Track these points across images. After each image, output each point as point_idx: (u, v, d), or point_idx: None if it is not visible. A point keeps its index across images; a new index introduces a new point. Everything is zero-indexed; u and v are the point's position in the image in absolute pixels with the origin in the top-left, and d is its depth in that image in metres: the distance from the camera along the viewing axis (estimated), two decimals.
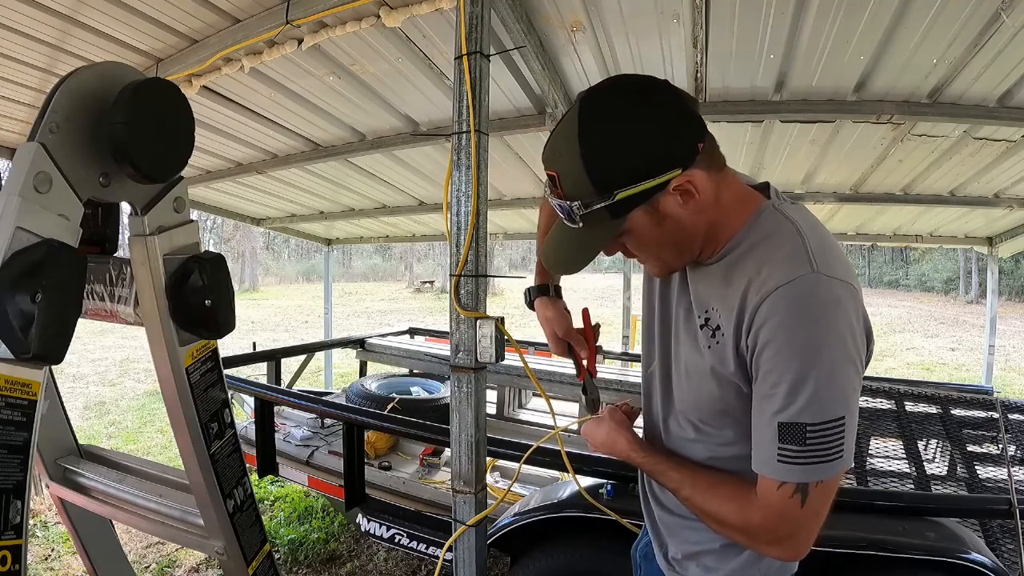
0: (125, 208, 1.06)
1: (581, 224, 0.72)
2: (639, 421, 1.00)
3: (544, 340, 1.18)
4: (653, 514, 0.97)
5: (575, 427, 1.50)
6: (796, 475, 0.67)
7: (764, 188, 0.81)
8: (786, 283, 0.67)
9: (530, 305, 1.18)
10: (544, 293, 1.15)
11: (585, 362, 1.10)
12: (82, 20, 1.93)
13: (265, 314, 16.36)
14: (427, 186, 3.91)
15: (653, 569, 0.97)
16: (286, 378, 3.93)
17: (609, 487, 1.61)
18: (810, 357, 0.65)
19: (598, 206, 0.69)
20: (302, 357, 4.27)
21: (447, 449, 2.37)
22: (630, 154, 0.68)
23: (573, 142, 0.69)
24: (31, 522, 2.16)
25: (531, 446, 1.57)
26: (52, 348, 0.80)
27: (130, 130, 0.87)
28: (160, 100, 0.94)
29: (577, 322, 1.13)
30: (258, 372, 4.44)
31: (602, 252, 0.80)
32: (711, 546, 0.86)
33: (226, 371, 1.21)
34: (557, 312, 1.12)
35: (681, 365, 0.86)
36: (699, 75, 2.18)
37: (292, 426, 3.04)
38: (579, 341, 1.10)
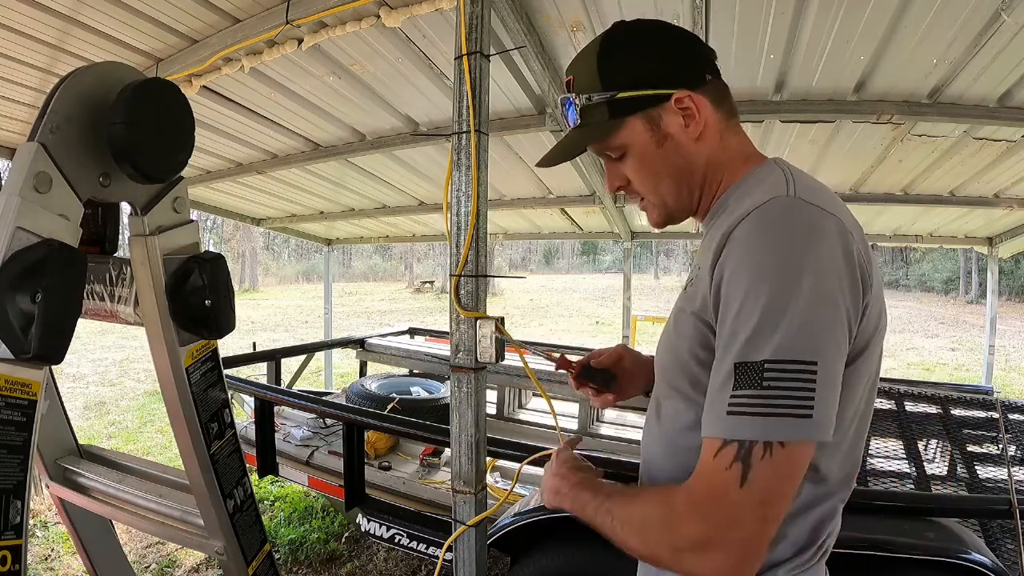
0: (125, 208, 1.06)
1: (580, 119, 0.76)
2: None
3: (544, 340, 1.15)
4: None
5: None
6: (743, 429, 0.54)
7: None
8: (757, 206, 0.61)
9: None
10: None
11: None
12: (82, 20, 1.93)
13: (265, 314, 16.36)
14: (427, 186, 3.91)
15: None
16: (286, 378, 3.93)
17: None
18: (779, 285, 0.56)
19: (600, 99, 0.73)
20: (302, 357, 4.27)
21: (447, 449, 2.37)
22: (640, 62, 0.73)
23: (595, 46, 0.75)
24: (31, 522, 2.16)
25: (531, 446, 1.57)
26: (52, 348, 0.80)
27: (130, 130, 0.87)
28: (160, 100, 0.95)
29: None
30: (258, 372, 4.44)
31: (604, 187, 0.76)
32: None
33: (226, 371, 1.21)
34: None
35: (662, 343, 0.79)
36: None
37: (292, 426, 3.04)
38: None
